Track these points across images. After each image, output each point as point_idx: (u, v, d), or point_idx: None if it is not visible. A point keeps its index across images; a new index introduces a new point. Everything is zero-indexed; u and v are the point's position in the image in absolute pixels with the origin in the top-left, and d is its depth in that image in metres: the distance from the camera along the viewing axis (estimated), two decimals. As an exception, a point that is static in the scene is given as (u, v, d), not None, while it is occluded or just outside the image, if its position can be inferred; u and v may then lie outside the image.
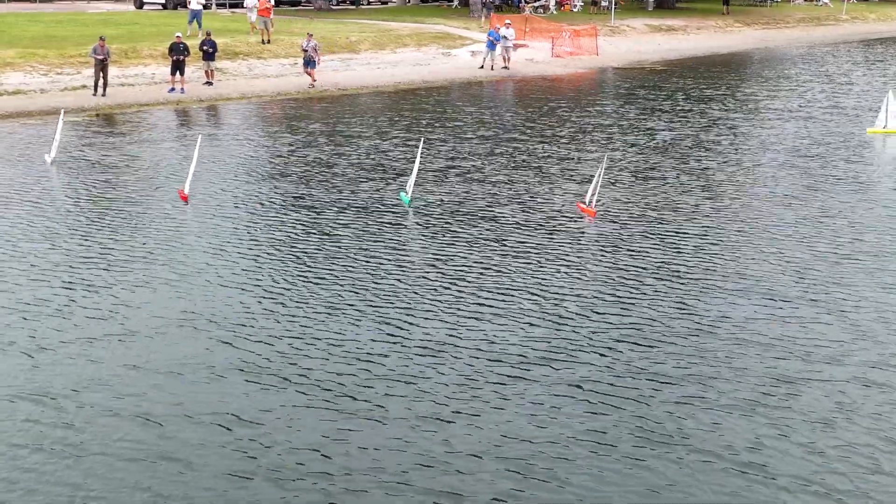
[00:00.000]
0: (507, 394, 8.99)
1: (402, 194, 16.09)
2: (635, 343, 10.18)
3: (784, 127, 24.38)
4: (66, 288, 11.61)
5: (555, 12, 55.93)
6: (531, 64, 38.39)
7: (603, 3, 57.48)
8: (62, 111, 20.53)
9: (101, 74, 26.21)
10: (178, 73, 27.56)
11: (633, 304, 11.35)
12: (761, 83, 34.24)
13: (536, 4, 56.33)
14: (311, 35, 30.48)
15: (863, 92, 31.53)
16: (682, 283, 12.07)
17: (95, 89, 26.33)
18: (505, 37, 35.75)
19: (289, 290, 11.68)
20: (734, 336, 10.39)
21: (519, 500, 7.32)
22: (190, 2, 37.49)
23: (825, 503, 7.36)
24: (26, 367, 9.47)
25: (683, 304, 11.36)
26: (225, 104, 27.29)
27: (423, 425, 8.37)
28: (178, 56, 27.34)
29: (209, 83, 28.85)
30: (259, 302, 11.24)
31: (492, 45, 35.74)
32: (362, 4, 61.08)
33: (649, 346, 10.08)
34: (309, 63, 30.11)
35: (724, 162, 19.74)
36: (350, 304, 11.16)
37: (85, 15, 45.27)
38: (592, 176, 15.23)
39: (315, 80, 30.17)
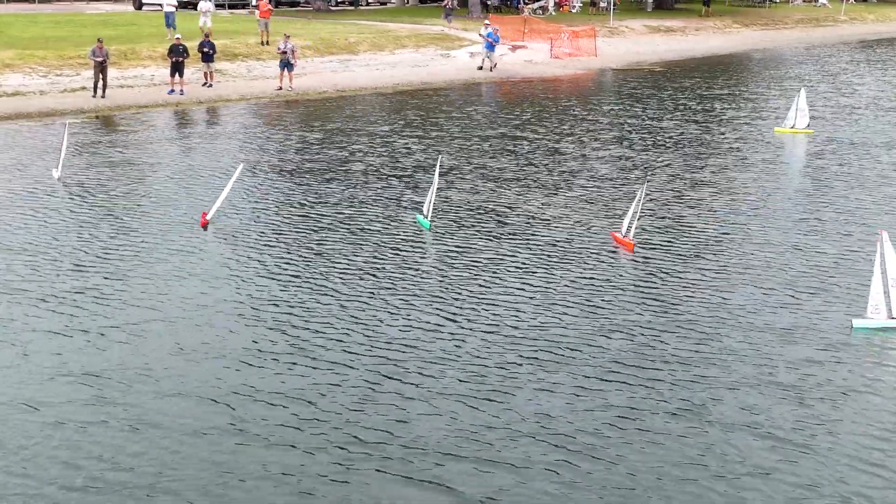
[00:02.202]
0: (542, 377, 9.43)
1: (420, 218, 14.84)
2: (664, 331, 10.64)
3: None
4: (110, 278, 11.88)
5: (553, 13, 55.97)
6: (530, 65, 38.40)
7: (602, 4, 57.51)
8: (66, 123, 19.42)
9: (101, 76, 26.20)
10: (177, 74, 27.54)
11: (662, 301, 11.56)
12: (741, 85, 34.29)
13: (535, 6, 56.36)
14: (289, 37, 29.75)
15: (834, 93, 31.67)
16: (709, 280, 12.33)
17: (95, 91, 26.31)
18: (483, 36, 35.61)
19: (331, 284, 12.03)
20: (756, 325, 10.81)
21: (561, 468, 7.76)
22: (162, 4, 36.47)
23: (844, 469, 7.78)
24: (81, 351, 9.94)
25: (709, 299, 11.68)
26: (225, 105, 27.27)
27: (468, 402, 8.84)
28: (177, 58, 27.31)
29: (209, 85, 28.84)
30: (304, 295, 11.63)
31: (490, 47, 35.77)
32: (361, 5, 61.12)
33: (677, 334, 10.53)
34: (287, 66, 29.40)
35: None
36: (395, 297, 11.59)
37: (83, 16, 45.27)
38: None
39: (284, 85, 29.35)
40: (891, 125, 25.24)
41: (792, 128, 23.31)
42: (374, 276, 12.33)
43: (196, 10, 36.00)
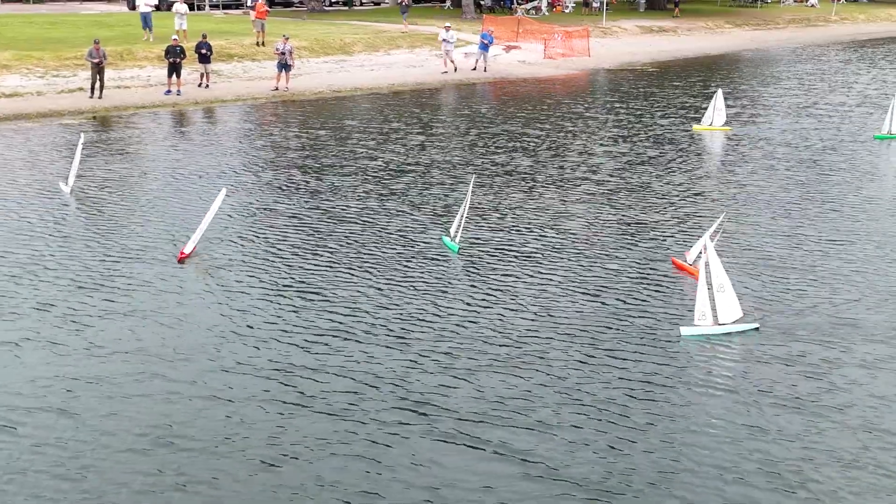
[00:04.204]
0: (571, 355, 10.18)
1: (446, 239, 13.92)
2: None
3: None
4: (162, 265, 12.06)
5: (546, 14, 56.26)
6: (524, 65, 38.68)
7: (594, 5, 57.86)
8: (82, 135, 18.13)
9: (98, 77, 26.38)
10: (174, 75, 27.73)
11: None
12: (727, 86, 34.62)
13: (528, 6, 56.66)
14: (288, 38, 29.75)
15: (793, 92, 32.07)
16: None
17: (92, 92, 26.50)
18: (445, 40, 34.77)
19: (358, 278, 12.43)
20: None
21: (590, 433, 8.52)
22: (138, 5, 36.06)
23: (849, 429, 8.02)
24: (131, 333, 10.60)
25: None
26: (221, 106, 27.46)
27: (502, 378, 9.58)
28: (174, 58, 27.49)
29: (205, 85, 29.01)
30: (343, 277, 12.35)
31: (484, 47, 36.02)
32: (355, 5, 61.32)
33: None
34: (284, 67, 29.43)
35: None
36: (430, 295, 11.97)
37: (78, 16, 45.42)
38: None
39: (281, 85, 29.45)
40: (820, 124, 25.75)
41: (710, 125, 24.22)
42: (401, 292, 12.21)
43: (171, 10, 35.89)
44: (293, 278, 12.46)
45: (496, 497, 7.49)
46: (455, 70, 34.97)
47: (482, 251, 13.64)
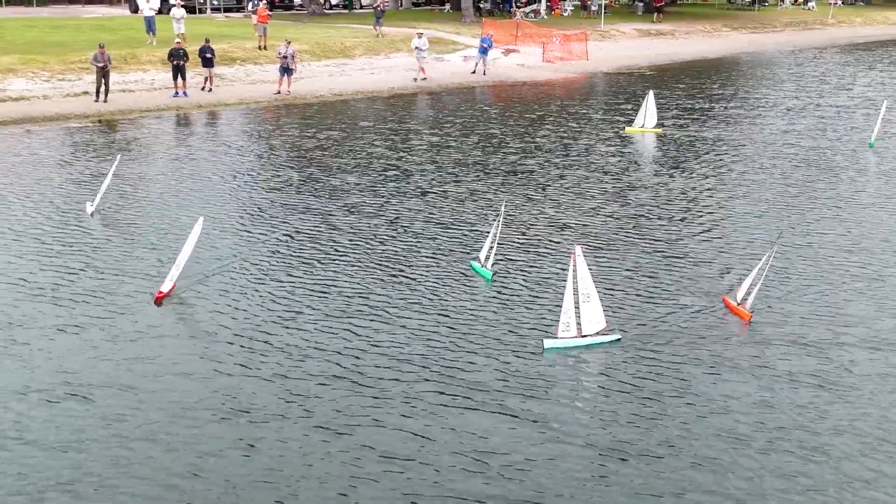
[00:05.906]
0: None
1: (476, 266, 12.98)
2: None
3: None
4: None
5: (545, 17, 56.60)
6: (522, 69, 39.02)
7: (593, 8, 58.20)
8: (118, 157, 17.73)
9: (103, 81, 26.70)
10: (179, 77, 28.10)
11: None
12: (715, 88, 34.92)
13: (527, 9, 57.01)
14: (290, 42, 30.04)
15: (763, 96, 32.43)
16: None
17: (97, 95, 26.83)
18: (418, 48, 34.42)
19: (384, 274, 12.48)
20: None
21: (600, 406, 9.23)
22: (142, 9, 35.96)
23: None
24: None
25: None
26: (224, 109, 27.79)
27: (515, 359, 10.16)
28: (178, 61, 27.86)
29: (209, 89, 29.34)
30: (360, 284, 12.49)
31: (484, 51, 36.38)
32: (355, 9, 61.62)
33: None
34: (286, 71, 29.76)
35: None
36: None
37: (80, 20, 45.66)
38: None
39: (283, 89, 29.75)
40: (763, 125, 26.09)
41: (641, 127, 24.77)
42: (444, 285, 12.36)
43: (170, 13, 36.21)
44: (309, 279, 12.70)
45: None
46: (424, 79, 34.27)
47: (515, 280, 12.70)
